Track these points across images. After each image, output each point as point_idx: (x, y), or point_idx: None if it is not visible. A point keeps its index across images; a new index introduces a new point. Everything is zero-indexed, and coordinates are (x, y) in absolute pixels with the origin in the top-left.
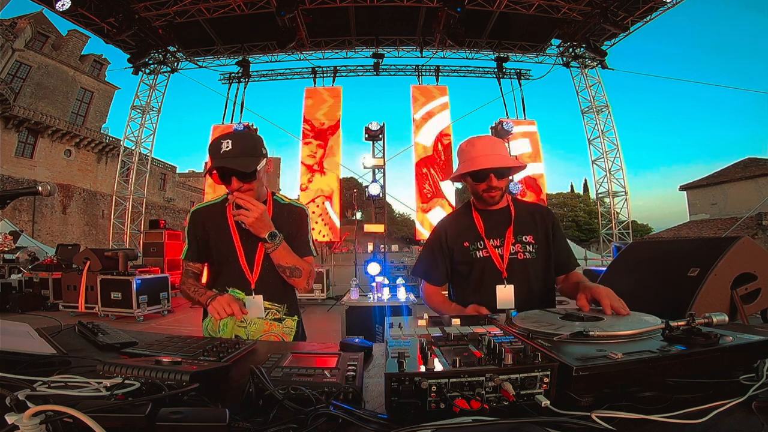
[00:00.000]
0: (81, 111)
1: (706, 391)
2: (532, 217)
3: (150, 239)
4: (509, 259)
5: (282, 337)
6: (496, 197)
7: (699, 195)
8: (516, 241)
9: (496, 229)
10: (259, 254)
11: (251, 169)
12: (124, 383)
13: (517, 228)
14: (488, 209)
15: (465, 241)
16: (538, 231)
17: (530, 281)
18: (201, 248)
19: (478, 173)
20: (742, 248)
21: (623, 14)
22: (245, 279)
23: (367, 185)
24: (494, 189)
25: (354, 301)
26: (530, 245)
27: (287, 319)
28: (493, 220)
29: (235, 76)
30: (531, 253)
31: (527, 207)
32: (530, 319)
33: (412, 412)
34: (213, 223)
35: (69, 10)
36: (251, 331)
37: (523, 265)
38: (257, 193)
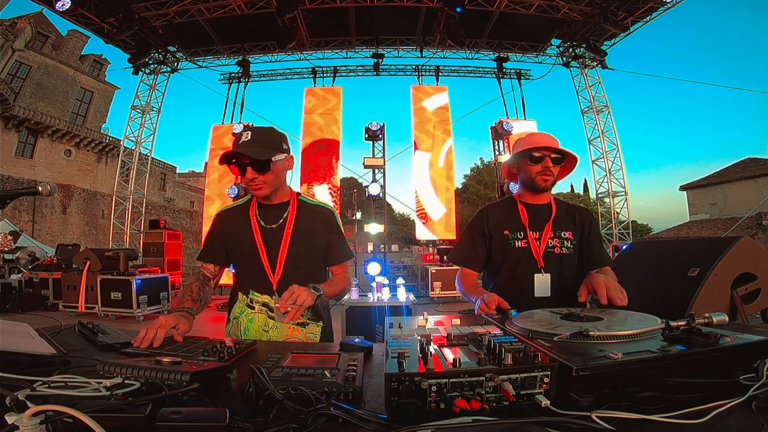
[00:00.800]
0: (81, 111)
1: (706, 391)
2: (572, 214)
3: (150, 239)
4: (545, 251)
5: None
6: (549, 181)
7: (699, 195)
8: (555, 236)
9: (537, 221)
10: (281, 255)
11: (264, 157)
12: (124, 383)
13: (557, 223)
14: (531, 203)
15: (505, 230)
16: (576, 228)
17: (564, 275)
18: (217, 249)
19: (536, 152)
20: (742, 248)
21: (623, 14)
22: (267, 280)
23: (367, 185)
24: (548, 171)
25: (354, 301)
26: (568, 241)
27: (311, 324)
28: (535, 213)
29: (235, 76)
30: (568, 249)
31: (568, 206)
32: (530, 319)
33: (412, 412)
34: (236, 225)
35: (69, 10)
36: (273, 336)
37: (559, 258)
38: (272, 186)
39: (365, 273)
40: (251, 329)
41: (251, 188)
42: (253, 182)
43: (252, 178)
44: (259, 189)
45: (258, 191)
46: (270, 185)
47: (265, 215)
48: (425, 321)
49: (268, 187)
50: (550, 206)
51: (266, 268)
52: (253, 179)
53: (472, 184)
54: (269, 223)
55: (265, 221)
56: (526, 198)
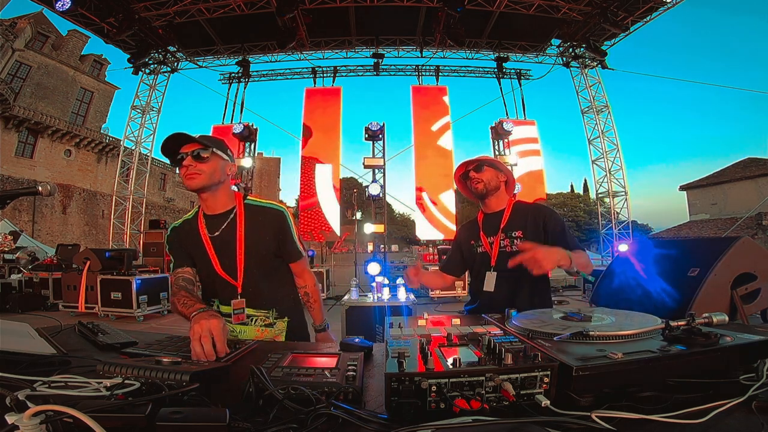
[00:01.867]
0: (81, 111)
1: (706, 391)
2: (524, 214)
3: (150, 239)
4: (499, 252)
5: (275, 340)
6: (479, 188)
7: (699, 195)
8: (505, 237)
9: (492, 227)
10: (239, 260)
11: (208, 147)
12: (124, 383)
13: (508, 225)
14: (488, 213)
15: (471, 240)
16: (527, 226)
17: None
18: (185, 255)
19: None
20: (742, 248)
21: (623, 14)
22: (231, 287)
23: (367, 185)
24: (474, 180)
25: (354, 301)
26: (518, 239)
27: (278, 322)
28: (490, 220)
29: (235, 76)
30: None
31: (524, 207)
32: (530, 319)
33: (412, 412)
34: (188, 238)
35: (69, 10)
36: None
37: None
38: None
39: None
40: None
41: (186, 179)
42: (188, 170)
43: (189, 165)
44: (192, 178)
45: (191, 180)
46: (206, 177)
47: (211, 224)
48: (425, 321)
49: (203, 177)
50: (503, 212)
51: (225, 277)
52: (189, 166)
53: None
54: (213, 231)
55: (210, 230)
56: (484, 208)
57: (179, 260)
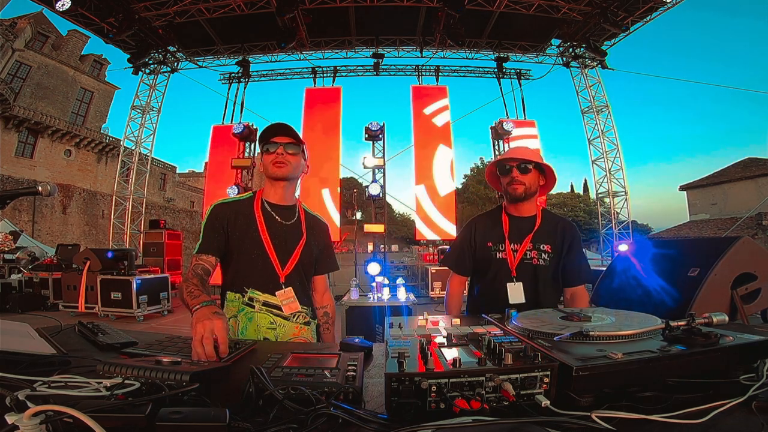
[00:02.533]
0: (81, 111)
1: (706, 391)
2: (555, 227)
3: (150, 239)
4: (522, 262)
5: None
6: (519, 191)
7: (699, 195)
8: (533, 248)
9: (518, 234)
10: (297, 251)
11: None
12: (124, 383)
13: (538, 236)
14: (515, 215)
15: (489, 241)
16: (556, 241)
17: (538, 286)
18: (219, 241)
19: (503, 165)
20: (742, 248)
21: (623, 14)
22: (274, 275)
23: (367, 185)
24: (516, 182)
25: (354, 301)
26: (546, 253)
27: (312, 322)
28: (518, 225)
29: (235, 76)
30: (545, 260)
31: (554, 219)
32: (530, 319)
33: (412, 412)
34: (240, 218)
35: (69, 10)
36: (280, 333)
37: (535, 269)
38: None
39: (365, 273)
40: (250, 328)
41: (274, 164)
42: (279, 157)
43: (280, 153)
44: (282, 166)
45: (280, 168)
46: (292, 168)
47: (281, 213)
48: (425, 321)
49: (290, 168)
50: (534, 219)
51: (275, 265)
52: (280, 154)
53: (472, 184)
54: (285, 219)
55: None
56: (510, 209)
57: (208, 243)
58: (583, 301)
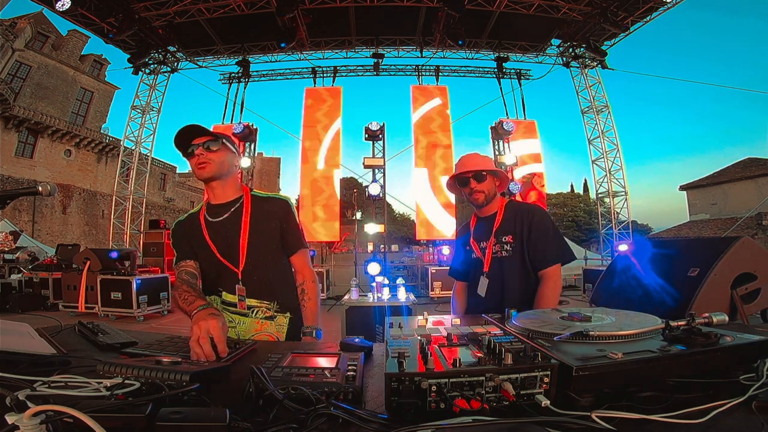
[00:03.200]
0: (81, 111)
1: (706, 391)
2: (515, 218)
3: (150, 239)
4: (491, 258)
5: (276, 336)
6: (480, 199)
7: (699, 195)
8: (496, 242)
9: (484, 232)
10: (242, 244)
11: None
12: (124, 383)
13: (500, 230)
14: (481, 216)
15: (467, 245)
16: (516, 231)
17: (505, 276)
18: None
19: (460, 178)
20: (742, 248)
21: (623, 14)
22: (231, 272)
23: (367, 185)
24: (475, 191)
25: (354, 301)
26: (508, 244)
27: (279, 316)
28: (483, 225)
29: (235, 76)
30: (508, 252)
31: (517, 209)
32: (530, 319)
33: (412, 412)
34: (192, 230)
35: (69, 10)
36: (241, 331)
37: (500, 262)
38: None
39: (365, 273)
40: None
41: (197, 167)
42: (199, 158)
43: (200, 154)
44: (203, 167)
45: (203, 169)
46: (216, 166)
47: (215, 212)
48: (425, 321)
49: (213, 166)
50: (495, 216)
51: (225, 263)
52: (200, 155)
53: None
54: (217, 217)
55: (212, 216)
56: (478, 212)
57: (181, 254)
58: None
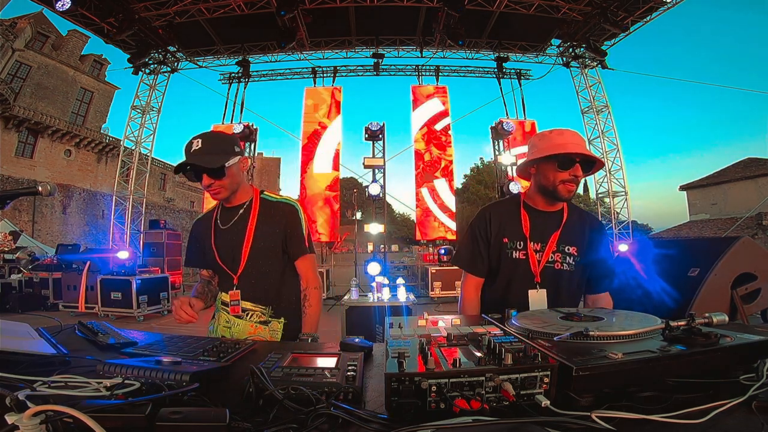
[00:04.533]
0: (81, 111)
1: (706, 391)
2: (582, 225)
3: (150, 239)
4: (544, 266)
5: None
6: (573, 191)
7: (699, 195)
8: (557, 250)
9: (542, 231)
10: (244, 252)
11: (217, 165)
12: (124, 383)
13: (564, 236)
14: (540, 209)
15: (504, 237)
16: (583, 244)
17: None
18: (197, 255)
19: (565, 158)
20: (742, 248)
21: (623, 14)
22: (228, 276)
23: (367, 185)
24: (575, 181)
25: (354, 301)
26: (571, 257)
27: (273, 321)
28: (541, 221)
29: (235, 76)
30: (570, 265)
31: (581, 214)
32: (530, 319)
33: (412, 412)
34: (203, 231)
35: (69, 10)
36: (235, 333)
37: (558, 275)
38: (230, 189)
39: (365, 273)
40: (217, 328)
41: (210, 193)
42: (210, 188)
43: (209, 184)
44: (217, 193)
45: (217, 195)
46: (227, 188)
47: (224, 217)
48: (425, 321)
49: (225, 190)
50: (560, 214)
51: (224, 268)
52: (210, 185)
53: (472, 184)
54: (226, 223)
55: (222, 222)
56: (535, 202)
57: (189, 258)
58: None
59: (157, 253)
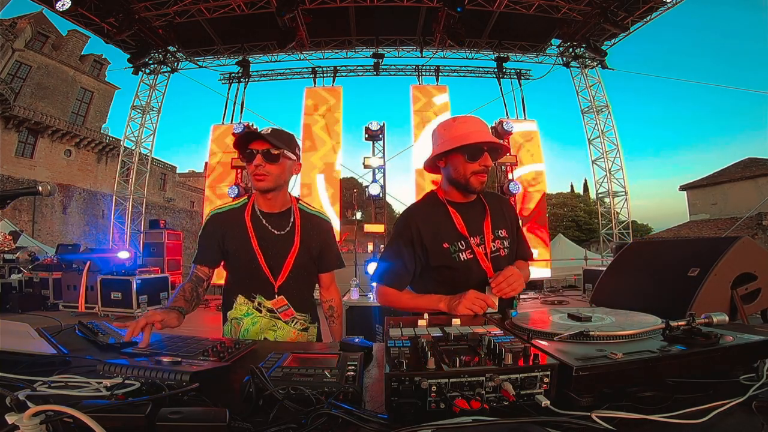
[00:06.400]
0: (81, 111)
1: (706, 391)
2: (500, 207)
3: (150, 239)
4: (492, 258)
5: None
6: (484, 182)
7: (699, 195)
8: (495, 237)
9: (474, 224)
10: (288, 262)
11: (279, 147)
12: (124, 383)
13: (493, 222)
14: (462, 202)
15: (444, 242)
16: (507, 223)
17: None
18: (214, 252)
19: (473, 148)
20: (742, 248)
21: (623, 14)
22: (268, 284)
23: (367, 185)
24: (485, 171)
25: (354, 301)
26: (506, 240)
27: (311, 327)
28: (469, 214)
29: (235, 76)
30: (506, 249)
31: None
32: (530, 319)
33: (412, 412)
34: (234, 229)
35: (69, 10)
36: (279, 335)
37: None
38: (275, 181)
39: (365, 273)
40: (251, 331)
41: (255, 177)
42: (258, 169)
43: (258, 165)
44: (262, 179)
45: (261, 181)
46: (274, 179)
47: (274, 222)
48: (425, 321)
49: (271, 179)
50: (480, 201)
51: (267, 275)
52: (259, 166)
53: None
54: (277, 229)
55: (271, 226)
56: (454, 196)
57: (203, 255)
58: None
59: (157, 253)
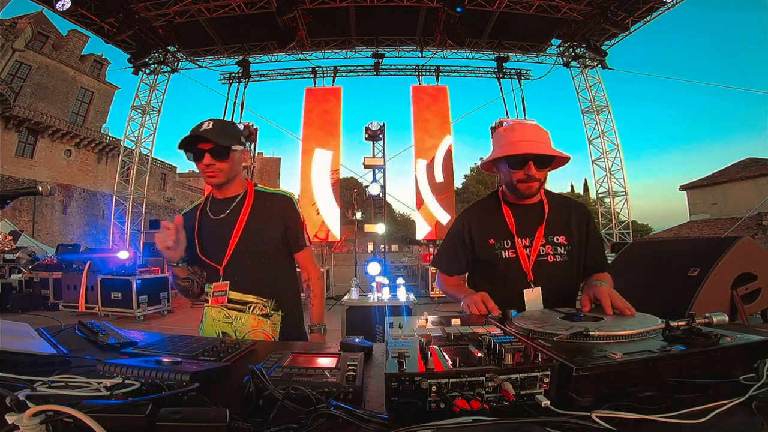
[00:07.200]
0: (81, 111)
1: (706, 391)
2: (567, 214)
3: (150, 239)
4: (536, 261)
5: (272, 335)
6: (533, 188)
7: (699, 195)
8: (546, 242)
9: (526, 226)
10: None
11: (224, 144)
12: (124, 383)
13: (550, 227)
14: (519, 203)
15: (490, 238)
16: (572, 231)
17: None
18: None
19: (515, 159)
20: (742, 248)
21: (623, 14)
22: (213, 268)
23: (367, 185)
24: (532, 179)
25: (354, 301)
26: (561, 247)
27: (274, 314)
28: (524, 216)
29: (235, 76)
30: (561, 256)
31: (562, 201)
32: (530, 319)
33: (412, 412)
34: (189, 224)
35: (69, 10)
36: (237, 327)
37: (552, 268)
38: (227, 175)
39: (365, 273)
40: (206, 323)
41: (206, 176)
42: (209, 168)
43: (208, 164)
44: (214, 177)
45: (213, 179)
46: (225, 174)
47: (216, 208)
48: (425, 321)
49: (223, 175)
50: (541, 205)
51: (207, 261)
52: (209, 165)
53: (472, 184)
54: (215, 214)
55: (214, 213)
56: (511, 197)
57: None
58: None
59: (157, 253)
